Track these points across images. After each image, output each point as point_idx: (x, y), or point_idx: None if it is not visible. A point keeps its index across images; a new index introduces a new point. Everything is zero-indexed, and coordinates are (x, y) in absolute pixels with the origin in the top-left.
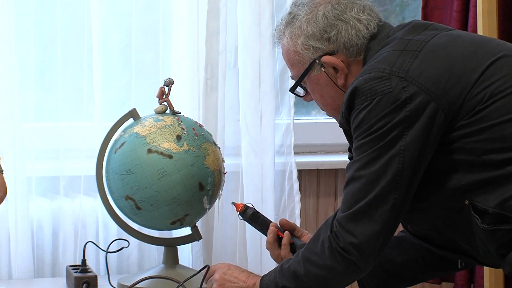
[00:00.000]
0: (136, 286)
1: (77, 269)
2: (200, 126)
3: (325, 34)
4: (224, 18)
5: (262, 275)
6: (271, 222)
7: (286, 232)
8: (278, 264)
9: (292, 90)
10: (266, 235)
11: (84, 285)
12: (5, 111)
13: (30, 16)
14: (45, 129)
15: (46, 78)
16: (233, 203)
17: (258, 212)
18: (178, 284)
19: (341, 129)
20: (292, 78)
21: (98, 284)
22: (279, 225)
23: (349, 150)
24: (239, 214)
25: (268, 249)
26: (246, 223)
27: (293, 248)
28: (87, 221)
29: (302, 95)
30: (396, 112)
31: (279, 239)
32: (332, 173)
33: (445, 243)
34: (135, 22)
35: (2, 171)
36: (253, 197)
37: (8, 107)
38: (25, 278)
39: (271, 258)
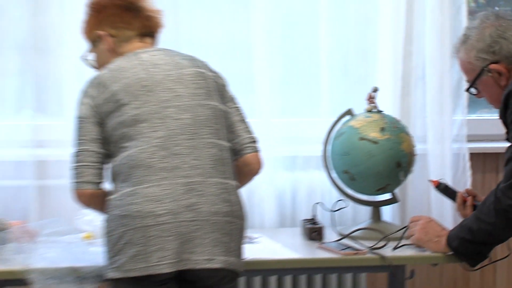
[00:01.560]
0: (351, 235)
1: (309, 222)
2: (398, 121)
3: (491, 48)
4: (416, 43)
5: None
6: (459, 191)
7: (469, 197)
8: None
9: (467, 90)
10: (455, 202)
11: (314, 233)
12: (262, 107)
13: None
14: (287, 122)
15: (294, 80)
16: (430, 180)
17: (449, 186)
18: (381, 234)
19: (500, 120)
20: (467, 82)
21: (324, 233)
22: (465, 193)
23: (506, 133)
24: (435, 187)
25: (457, 210)
26: (439, 194)
27: (476, 208)
28: (316, 188)
29: (474, 93)
30: None
31: (465, 203)
32: (495, 156)
33: None
34: (352, 43)
35: (260, 151)
36: (435, 174)
37: (262, 104)
38: (272, 228)
39: (449, 218)
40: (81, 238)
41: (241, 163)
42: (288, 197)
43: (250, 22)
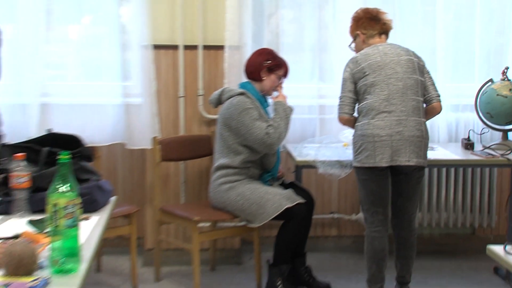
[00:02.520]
0: (490, 147)
1: (466, 139)
2: None
3: None
4: None
5: None
6: None
7: None
8: None
9: None
10: None
11: (468, 146)
12: (441, 77)
13: None
14: (456, 86)
15: (459, 63)
16: None
17: None
18: (508, 147)
19: None
20: None
21: (474, 145)
22: None
23: None
24: None
25: None
26: None
27: None
28: (470, 121)
29: None
30: None
31: None
32: None
33: None
34: (494, 42)
35: (440, 101)
36: None
37: (442, 75)
38: (444, 142)
39: None
40: (342, 145)
41: (429, 108)
42: (453, 126)
43: (436, 32)
